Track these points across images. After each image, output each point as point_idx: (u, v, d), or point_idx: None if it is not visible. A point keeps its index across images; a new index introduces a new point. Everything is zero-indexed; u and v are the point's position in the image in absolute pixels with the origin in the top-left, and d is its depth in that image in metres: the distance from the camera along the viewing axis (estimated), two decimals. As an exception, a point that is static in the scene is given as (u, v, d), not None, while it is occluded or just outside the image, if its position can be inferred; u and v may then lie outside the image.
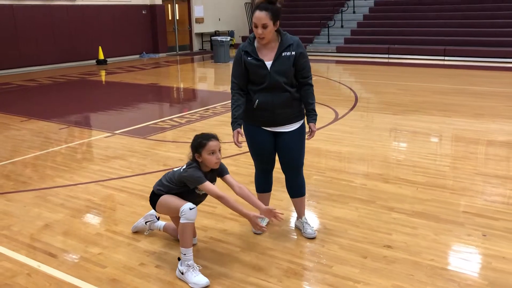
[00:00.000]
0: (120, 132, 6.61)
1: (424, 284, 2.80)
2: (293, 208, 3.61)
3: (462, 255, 3.14)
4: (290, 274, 2.94)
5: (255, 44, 3.18)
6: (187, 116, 7.68)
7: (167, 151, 5.68)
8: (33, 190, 4.47)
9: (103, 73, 13.73)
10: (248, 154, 3.53)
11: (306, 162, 4.98)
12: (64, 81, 12.04)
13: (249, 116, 3.27)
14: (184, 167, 3.02)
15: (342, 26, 17.60)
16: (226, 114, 7.53)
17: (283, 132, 3.25)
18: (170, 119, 7.46)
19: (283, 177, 3.51)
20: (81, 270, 3.03)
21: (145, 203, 3.86)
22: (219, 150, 2.98)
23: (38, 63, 14.15)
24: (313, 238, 3.39)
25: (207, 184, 2.92)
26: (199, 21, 19.76)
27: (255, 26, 3.06)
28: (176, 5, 18.92)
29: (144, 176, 4.75)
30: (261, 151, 3.34)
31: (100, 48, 15.39)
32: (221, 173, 3.12)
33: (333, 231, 3.51)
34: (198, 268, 2.87)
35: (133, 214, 3.85)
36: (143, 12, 17.21)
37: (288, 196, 3.59)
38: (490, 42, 14.38)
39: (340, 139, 6.00)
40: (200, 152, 2.95)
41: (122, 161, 5.28)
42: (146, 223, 3.50)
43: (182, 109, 8.67)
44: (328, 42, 17.10)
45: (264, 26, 3.03)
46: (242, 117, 3.21)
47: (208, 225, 3.65)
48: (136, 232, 3.54)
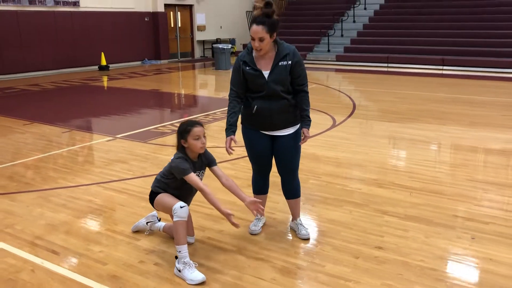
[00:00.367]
0: (121, 136, 6.73)
1: (412, 283, 2.91)
2: (289, 210, 3.72)
3: (451, 257, 3.24)
4: (284, 273, 3.04)
5: (253, 54, 3.30)
6: (187, 121, 7.80)
7: (167, 155, 5.79)
8: (36, 191, 4.58)
9: (105, 78, 13.88)
10: (247, 158, 3.64)
11: (303, 167, 5.12)
12: (67, 86, 12.19)
13: (247, 120, 3.40)
14: (172, 158, 3.16)
15: (342, 35, 17.80)
16: (226, 120, 7.64)
17: (280, 135, 3.37)
18: (170, 124, 7.59)
19: (279, 181, 3.62)
20: (82, 266, 3.14)
21: (145, 204, 3.98)
22: (204, 135, 3.15)
23: (41, 68, 14.31)
24: (307, 239, 3.50)
25: (191, 175, 3.08)
26: (201, 28, 19.98)
27: (252, 39, 3.18)
28: (179, 12, 19.14)
29: (144, 179, 4.86)
30: (259, 154, 3.46)
31: (102, 54, 15.57)
32: (210, 164, 3.28)
33: (327, 233, 3.62)
34: (194, 265, 2.98)
35: (133, 215, 3.96)
36: (146, 19, 17.42)
37: (284, 199, 3.71)
38: (488, 52, 14.54)
39: (337, 145, 6.12)
40: (185, 137, 3.12)
41: (123, 164, 5.40)
42: (147, 223, 3.61)
43: (183, 114, 8.80)
44: (328, 50, 17.27)
45: (261, 39, 3.15)
46: (236, 124, 3.34)
47: (205, 225, 3.76)
48: (137, 231, 3.65)
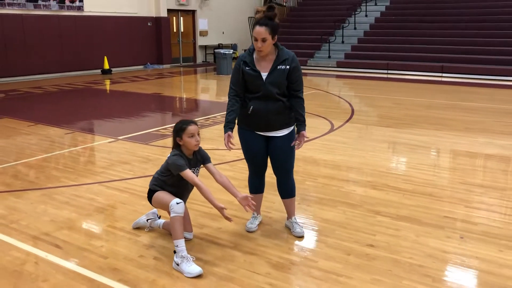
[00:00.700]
0: (123, 138, 6.88)
1: (401, 278, 3.03)
2: (284, 210, 3.85)
3: (439, 255, 3.37)
4: (278, 268, 3.17)
5: (254, 55, 3.46)
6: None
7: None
8: (40, 189, 4.72)
9: (107, 82, 14.06)
10: (244, 160, 3.78)
11: (300, 169, 5.27)
12: (70, 89, 12.36)
13: (243, 121, 3.54)
14: (169, 155, 3.32)
15: (343, 42, 17.97)
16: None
17: (274, 136, 3.51)
18: (171, 127, 7.70)
19: (275, 182, 3.76)
20: (84, 260, 3.27)
21: (146, 202, 4.10)
22: (198, 134, 3.32)
23: (45, 71, 14.50)
24: (302, 237, 3.63)
25: (187, 171, 3.24)
26: (203, 34, 20.19)
27: (255, 39, 3.34)
28: (181, 18, 19.36)
29: (145, 179, 4.99)
30: (255, 154, 3.60)
31: (105, 58, 15.76)
32: (204, 161, 3.45)
33: (321, 231, 3.75)
34: (192, 259, 3.12)
35: (134, 212, 4.10)
36: (149, 24, 17.62)
37: (279, 199, 3.84)
38: (486, 60, 14.70)
39: (334, 148, 6.25)
40: (181, 135, 3.29)
41: (125, 165, 5.54)
42: (147, 220, 3.75)
43: (184, 118, 8.92)
44: (329, 57, 17.44)
45: (263, 40, 3.31)
46: (234, 122, 3.48)
47: (204, 223, 3.89)
48: (137, 228, 3.78)
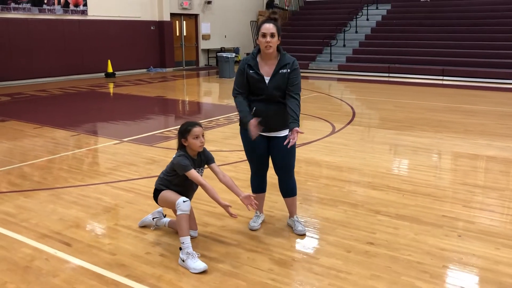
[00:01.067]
0: (128, 140, 7.00)
1: (399, 274, 3.13)
2: (286, 209, 3.95)
3: (437, 252, 3.46)
4: (280, 264, 3.28)
5: (258, 59, 3.58)
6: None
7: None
8: (48, 189, 4.84)
9: (111, 85, 14.20)
10: (247, 162, 3.89)
11: (302, 170, 5.38)
12: (74, 92, 12.50)
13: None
14: (174, 156, 3.43)
15: (344, 45, 18.10)
16: (228, 126, 7.92)
17: (276, 136, 3.62)
18: (175, 129, 7.84)
19: (277, 182, 3.85)
20: (92, 256, 3.38)
21: (151, 202, 4.20)
22: (203, 135, 3.43)
23: (49, 74, 14.64)
24: (303, 235, 3.73)
25: (192, 171, 3.36)
26: (206, 37, 20.34)
27: (264, 35, 3.44)
28: (184, 21, 19.52)
29: (150, 179, 5.10)
30: (256, 154, 3.71)
31: (109, 61, 15.91)
32: (208, 161, 3.56)
33: (322, 230, 3.85)
34: (197, 255, 3.22)
35: (140, 212, 4.21)
36: (152, 28, 17.78)
37: (282, 199, 3.94)
38: (486, 63, 14.80)
39: (335, 150, 6.36)
40: (186, 137, 3.41)
41: (130, 166, 5.66)
42: (153, 219, 3.86)
43: (187, 120, 9.04)
44: (331, 60, 17.56)
45: (272, 35, 3.44)
46: (250, 112, 3.50)
47: (208, 221, 4.00)
48: (143, 226, 3.89)
